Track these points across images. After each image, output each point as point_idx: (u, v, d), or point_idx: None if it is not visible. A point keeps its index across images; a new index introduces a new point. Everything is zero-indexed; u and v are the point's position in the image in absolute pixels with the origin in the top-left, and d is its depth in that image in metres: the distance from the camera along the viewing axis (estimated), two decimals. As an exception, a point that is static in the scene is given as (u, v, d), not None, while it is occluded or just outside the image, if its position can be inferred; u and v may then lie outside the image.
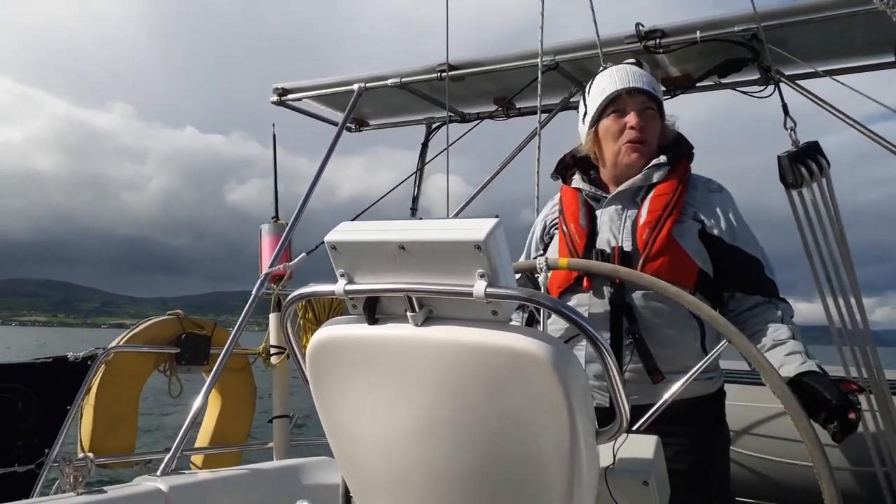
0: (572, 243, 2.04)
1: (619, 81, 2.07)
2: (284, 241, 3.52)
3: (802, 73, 2.94)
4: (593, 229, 2.05)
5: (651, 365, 1.95)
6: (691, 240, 1.99)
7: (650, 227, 1.96)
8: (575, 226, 2.07)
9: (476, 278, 1.09)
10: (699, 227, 2.01)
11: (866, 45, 2.88)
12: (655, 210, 1.98)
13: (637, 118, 2.04)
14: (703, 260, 2.00)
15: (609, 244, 2.01)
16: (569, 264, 1.76)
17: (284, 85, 3.86)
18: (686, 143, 2.12)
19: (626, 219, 2.03)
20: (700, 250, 2.00)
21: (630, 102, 2.05)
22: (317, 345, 1.30)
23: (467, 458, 1.20)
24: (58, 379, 3.33)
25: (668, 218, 1.96)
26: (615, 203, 2.07)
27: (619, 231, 2.02)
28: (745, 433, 3.35)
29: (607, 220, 2.05)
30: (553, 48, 3.01)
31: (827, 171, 2.45)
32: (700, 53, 2.93)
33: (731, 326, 1.46)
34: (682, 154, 2.09)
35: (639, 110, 2.05)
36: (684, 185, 2.03)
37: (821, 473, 1.26)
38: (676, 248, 1.95)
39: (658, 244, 1.94)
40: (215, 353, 3.91)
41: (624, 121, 2.05)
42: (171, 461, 2.56)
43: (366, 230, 1.20)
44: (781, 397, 1.37)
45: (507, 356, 1.10)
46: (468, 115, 3.97)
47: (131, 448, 3.76)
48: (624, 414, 1.17)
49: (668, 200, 1.99)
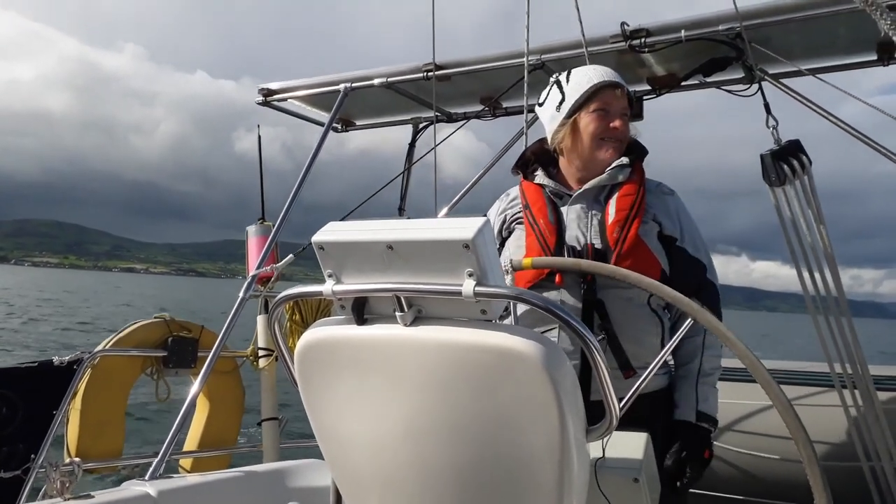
0: (543, 240, 2.05)
1: (605, 74, 2.10)
2: (271, 242, 3.51)
3: (786, 72, 2.97)
4: (560, 226, 2.07)
5: (623, 360, 1.99)
6: (653, 240, 2.06)
7: (619, 226, 2.00)
8: (545, 222, 2.07)
9: (465, 277, 1.10)
10: (658, 228, 2.08)
11: (849, 43, 2.91)
12: (622, 210, 2.03)
13: (621, 121, 2.08)
14: (663, 259, 2.06)
15: (579, 241, 2.04)
16: (533, 263, 1.77)
17: (270, 86, 3.84)
18: (641, 147, 2.17)
19: (593, 217, 2.06)
20: (660, 250, 2.07)
21: (615, 104, 2.08)
22: (305, 346, 1.30)
23: (458, 459, 1.20)
24: (43, 383, 3.29)
25: (636, 218, 2.02)
26: (580, 201, 2.09)
27: (588, 229, 2.05)
28: (732, 430, 3.37)
29: (574, 217, 2.08)
30: (539, 48, 3.01)
31: (809, 168, 2.47)
32: (685, 52, 2.95)
33: (705, 312, 1.46)
34: (640, 156, 2.15)
35: (622, 114, 2.09)
36: (644, 186, 2.09)
37: (810, 468, 1.27)
38: (643, 247, 2.01)
39: (628, 243, 1.98)
40: (203, 356, 3.89)
41: (608, 121, 2.07)
42: (160, 465, 2.54)
43: (353, 230, 1.20)
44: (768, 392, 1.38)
45: (497, 355, 1.10)
46: (455, 114, 3.97)
47: (119, 452, 3.73)
48: (613, 411, 1.18)
49: (633, 201, 2.04)
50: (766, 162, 2.45)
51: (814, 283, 2.45)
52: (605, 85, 2.07)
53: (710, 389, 2.08)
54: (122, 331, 3.89)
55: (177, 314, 4.17)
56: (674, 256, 2.09)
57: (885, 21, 0.88)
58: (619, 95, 2.08)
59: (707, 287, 2.10)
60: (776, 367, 3.57)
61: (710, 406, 2.06)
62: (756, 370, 1.34)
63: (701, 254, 2.13)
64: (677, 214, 2.12)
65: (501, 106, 3.74)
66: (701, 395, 2.06)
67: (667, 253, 2.08)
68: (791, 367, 3.64)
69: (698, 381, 2.07)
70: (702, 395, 2.06)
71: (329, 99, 3.70)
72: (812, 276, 2.44)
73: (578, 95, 2.08)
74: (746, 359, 1.37)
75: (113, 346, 3.74)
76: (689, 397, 2.06)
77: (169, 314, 4.10)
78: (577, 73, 2.14)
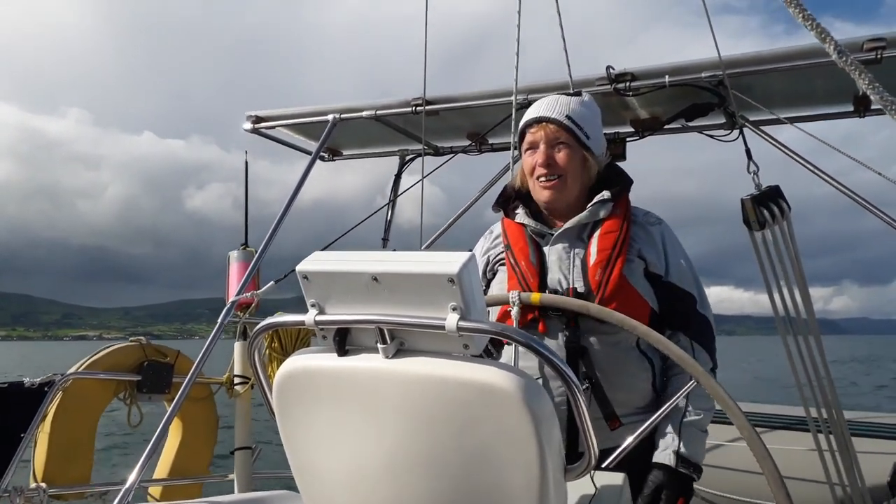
0: (525, 282, 1.99)
1: (531, 112, 2.06)
2: (253, 268, 3.49)
3: (766, 119, 3.04)
4: (543, 267, 2.01)
5: (609, 411, 1.93)
6: (640, 279, 1.98)
7: (601, 267, 1.93)
8: (526, 264, 2.01)
9: (448, 311, 1.10)
10: (644, 265, 2.00)
11: (827, 94, 3.00)
12: (605, 249, 1.95)
13: (544, 154, 2.00)
14: (651, 299, 1.99)
15: (560, 284, 1.97)
16: (541, 300, 1.76)
17: (258, 113, 3.86)
18: (625, 176, 2.10)
19: (575, 257, 1.99)
20: (647, 289, 1.99)
21: (539, 137, 2.02)
22: (285, 375, 1.29)
23: (436, 494, 1.19)
24: (12, 405, 3.22)
25: (619, 257, 1.94)
26: (562, 241, 2.02)
27: (570, 271, 1.98)
28: (711, 471, 3.37)
29: (556, 258, 2.00)
30: (527, 87, 3.06)
31: (788, 214, 2.52)
32: (668, 97, 3.01)
33: (698, 367, 1.48)
34: (623, 188, 2.07)
35: (549, 143, 2.01)
36: (628, 221, 2.01)
37: None
38: (628, 288, 1.94)
39: (611, 286, 1.91)
40: (178, 382, 3.83)
41: (535, 157, 2.03)
42: (129, 493, 2.48)
43: (338, 260, 1.20)
44: (748, 440, 1.39)
45: (478, 390, 1.10)
46: (442, 148, 4.01)
47: (87, 478, 3.64)
48: (593, 451, 1.18)
49: (615, 238, 1.96)
50: (746, 206, 2.48)
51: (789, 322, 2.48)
52: (529, 122, 2.04)
53: (695, 433, 1.93)
54: (96, 354, 3.82)
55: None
56: (662, 292, 2.00)
57: (864, 80, 0.92)
58: (543, 127, 2.01)
59: (697, 320, 2.01)
60: (753, 411, 3.59)
61: (693, 451, 1.90)
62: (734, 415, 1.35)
63: (690, 285, 2.03)
64: (663, 246, 2.03)
65: (488, 142, 3.79)
66: (685, 437, 1.91)
67: (654, 289, 2.00)
68: (768, 411, 3.67)
69: (682, 421, 1.92)
70: (685, 437, 1.91)
71: (317, 128, 3.72)
72: (788, 316, 2.47)
73: (517, 139, 2.10)
74: (723, 402, 1.38)
75: (86, 369, 3.68)
76: (669, 439, 1.92)
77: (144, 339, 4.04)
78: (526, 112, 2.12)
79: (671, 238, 2.07)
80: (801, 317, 2.46)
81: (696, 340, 1.99)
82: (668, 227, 2.09)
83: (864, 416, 3.56)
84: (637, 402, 1.98)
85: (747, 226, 2.50)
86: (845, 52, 0.91)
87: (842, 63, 0.90)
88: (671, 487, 1.87)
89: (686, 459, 1.89)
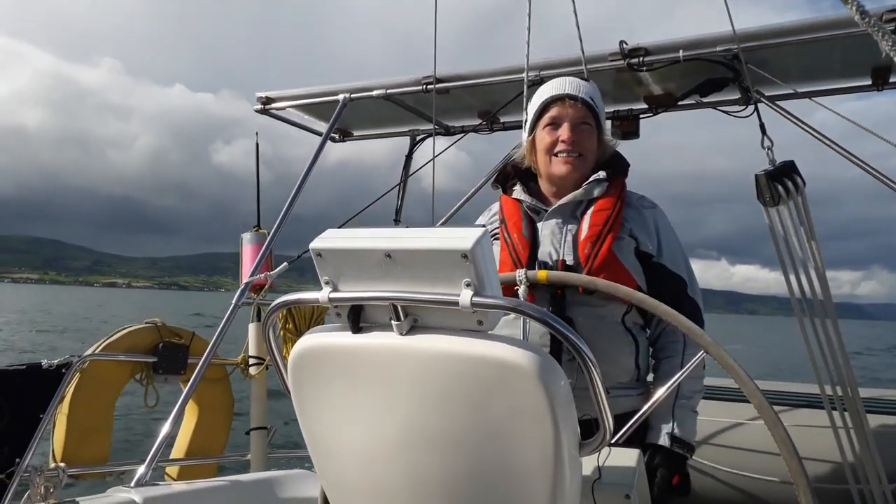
0: (516, 254, 2.04)
1: (555, 88, 2.08)
2: (266, 249, 3.50)
3: (781, 94, 3.00)
4: (535, 241, 2.06)
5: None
6: (629, 257, 2.02)
7: (591, 241, 1.98)
8: (518, 236, 2.06)
9: (462, 287, 1.10)
10: (634, 244, 2.04)
11: (844, 67, 2.94)
12: (596, 225, 2.00)
13: (569, 132, 2.04)
14: (639, 276, 2.03)
15: (551, 257, 2.02)
16: (549, 277, 1.76)
17: (268, 94, 3.85)
18: (623, 160, 2.15)
19: (567, 233, 2.04)
20: (637, 267, 2.04)
21: (565, 114, 2.05)
22: (300, 353, 1.29)
23: (451, 470, 1.19)
24: (31, 387, 3.26)
25: (609, 234, 1.98)
26: (556, 216, 2.07)
27: (561, 245, 2.03)
28: (718, 447, 3.37)
29: (548, 233, 2.06)
30: (538, 64, 3.03)
31: (802, 189, 2.49)
32: (682, 72, 2.97)
33: (707, 337, 1.47)
34: (620, 170, 2.12)
35: (574, 124, 2.04)
36: (622, 201, 2.05)
37: (798, 484, 1.27)
38: (617, 263, 1.98)
39: (599, 259, 1.95)
40: (193, 363, 3.86)
41: (557, 133, 2.05)
42: (146, 473, 2.51)
43: (352, 238, 1.20)
44: (758, 408, 1.38)
45: (493, 366, 1.10)
46: (453, 128, 3.99)
47: (105, 459, 3.69)
48: (607, 426, 1.18)
49: (607, 216, 2.01)
50: (760, 182, 2.46)
51: (804, 301, 2.46)
52: (555, 98, 2.06)
53: (687, 414, 2.01)
54: (112, 335, 3.86)
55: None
56: (651, 273, 2.05)
57: (887, 42, 0.89)
58: (568, 105, 2.04)
59: (687, 304, 2.06)
60: (768, 388, 3.58)
61: (686, 431, 1.98)
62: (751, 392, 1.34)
63: (681, 269, 2.09)
64: (655, 229, 2.08)
65: (499, 120, 3.76)
66: (678, 418, 1.98)
67: (644, 269, 2.05)
68: (783, 388, 3.65)
69: (675, 403, 1.99)
70: (679, 418, 1.98)
71: (327, 109, 3.71)
72: (803, 294, 2.45)
73: (533, 113, 2.11)
74: (740, 379, 1.37)
75: (102, 351, 3.71)
76: (663, 420, 1.98)
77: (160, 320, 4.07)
78: (538, 90, 2.14)
79: (664, 222, 2.12)
80: (817, 292, 2.44)
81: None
82: (661, 211, 2.14)
83: (881, 393, 3.54)
84: (619, 377, 2.02)
85: (761, 202, 2.48)
86: (868, 14, 0.88)
87: (864, 24, 0.88)
88: (666, 467, 1.93)
89: (680, 440, 1.96)
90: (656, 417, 1.99)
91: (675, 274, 2.07)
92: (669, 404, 1.99)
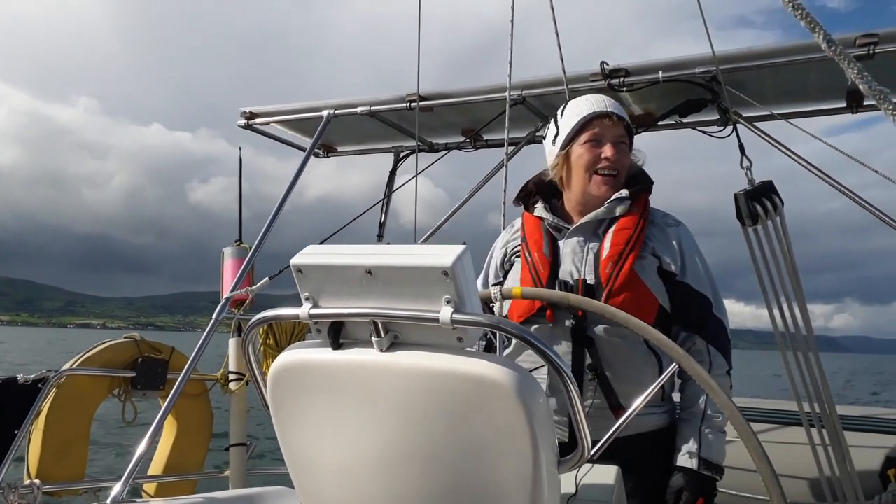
0: (536, 273, 2.03)
1: (596, 104, 2.06)
2: (247, 264, 3.48)
3: (759, 115, 3.05)
4: (556, 259, 2.04)
5: (614, 401, 1.94)
6: (651, 276, 2.00)
7: (613, 261, 1.96)
8: (539, 255, 2.05)
9: (442, 304, 1.10)
10: (657, 263, 2.02)
11: (820, 90, 3.01)
12: (618, 244, 1.98)
13: (613, 150, 2.02)
14: (662, 296, 2.01)
15: (572, 276, 2.00)
16: (523, 293, 1.78)
17: (252, 109, 3.85)
18: (647, 178, 2.13)
19: (589, 251, 2.02)
20: (659, 286, 2.01)
21: (608, 133, 2.03)
22: (279, 369, 1.29)
23: (430, 487, 1.20)
24: (6, 401, 3.21)
25: (631, 253, 1.96)
26: (577, 235, 2.06)
27: (582, 263, 2.01)
28: None
29: (570, 251, 2.04)
30: (520, 83, 3.07)
31: (781, 209, 2.52)
32: (662, 93, 3.02)
33: (678, 349, 1.49)
34: (644, 188, 2.10)
35: (615, 142, 2.03)
36: (645, 219, 2.03)
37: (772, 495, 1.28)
38: (638, 283, 1.96)
39: (621, 279, 1.93)
40: (172, 378, 3.82)
41: (599, 151, 2.03)
42: (123, 490, 2.47)
43: (333, 254, 1.20)
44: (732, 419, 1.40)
45: (472, 383, 1.11)
46: (436, 145, 4.02)
47: (81, 475, 3.63)
48: (585, 443, 1.19)
49: (629, 235, 1.99)
50: (740, 202, 2.49)
51: (783, 321, 2.48)
52: (597, 115, 2.03)
53: (715, 434, 1.97)
54: (90, 350, 3.81)
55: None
56: (675, 291, 2.02)
57: (853, 70, 0.92)
58: (611, 124, 2.02)
59: (712, 323, 2.03)
60: (746, 405, 3.61)
61: (713, 452, 1.95)
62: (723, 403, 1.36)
63: (706, 288, 2.05)
64: (679, 247, 2.05)
65: (482, 138, 3.79)
66: (704, 440, 1.96)
67: (667, 288, 2.02)
68: (760, 406, 3.68)
69: (702, 424, 1.97)
70: (705, 440, 1.96)
71: (311, 124, 3.72)
72: (782, 313, 2.48)
73: (570, 127, 2.06)
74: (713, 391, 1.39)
75: (80, 366, 3.66)
76: (689, 442, 1.96)
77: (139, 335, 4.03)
78: (571, 104, 2.11)
79: (688, 240, 2.09)
80: (795, 311, 2.46)
81: (711, 343, 2.02)
82: (686, 229, 2.11)
83: (857, 410, 3.58)
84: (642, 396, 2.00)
85: (740, 221, 2.51)
86: (834, 42, 0.91)
87: (831, 53, 0.91)
88: (691, 489, 1.91)
89: (707, 461, 1.93)
90: (682, 439, 1.98)
91: (699, 293, 2.04)
92: (696, 425, 1.98)
